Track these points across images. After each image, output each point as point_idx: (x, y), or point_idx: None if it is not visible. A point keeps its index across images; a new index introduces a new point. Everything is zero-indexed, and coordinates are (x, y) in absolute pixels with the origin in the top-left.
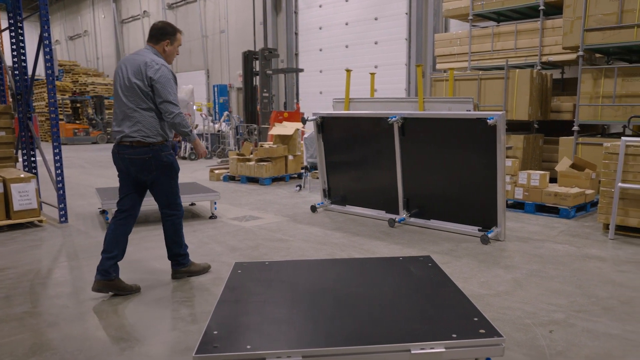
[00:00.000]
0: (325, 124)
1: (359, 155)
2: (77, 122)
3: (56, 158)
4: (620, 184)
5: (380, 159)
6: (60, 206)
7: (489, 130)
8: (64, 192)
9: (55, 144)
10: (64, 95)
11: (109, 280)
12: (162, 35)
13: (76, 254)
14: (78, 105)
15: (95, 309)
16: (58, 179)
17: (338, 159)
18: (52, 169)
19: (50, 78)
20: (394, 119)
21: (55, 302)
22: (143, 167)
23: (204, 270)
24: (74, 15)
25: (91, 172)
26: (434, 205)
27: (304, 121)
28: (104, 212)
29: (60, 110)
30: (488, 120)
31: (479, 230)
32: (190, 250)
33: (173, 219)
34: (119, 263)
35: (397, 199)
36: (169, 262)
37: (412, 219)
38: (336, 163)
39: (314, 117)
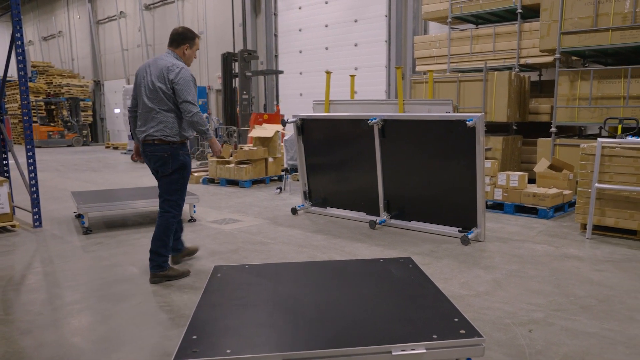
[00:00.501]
0: (305, 126)
1: (339, 157)
2: (52, 124)
3: (29, 161)
4: (596, 185)
5: (360, 161)
6: (34, 210)
7: (468, 132)
8: (37, 196)
9: (28, 146)
10: (38, 97)
11: (180, 253)
12: (183, 40)
13: (51, 260)
14: (52, 107)
15: (71, 315)
16: (32, 182)
17: (318, 161)
18: (26, 172)
19: (23, 79)
20: (374, 120)
21: (29, 309)
22: (162, 163)
23: (183, 275)
24: (47, 15)
25: (67, 175)
26: (415, 206)
27: (284, 123)
28: (79, 216)
29: (34, 113)
30: (467, 122)
31: (459, 231)
32: None
33: (167, 217)
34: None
35: (378, 201)
36: (147, 266)
37: (392, 221)
38: (317, 165)
39: (294, 119)
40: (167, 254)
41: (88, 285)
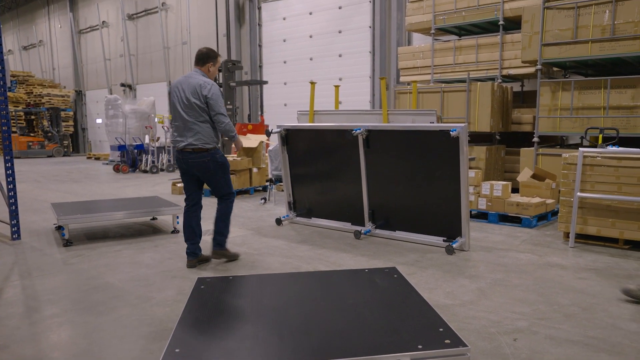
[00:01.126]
0: (289, 137)
1: (324, 168)
2: (32, 134)
3: (8, 172)
4: (579, 194)
5: (345, 171)
6: (13, 222)
7: (452, 142)
8: (16, 207)
9: (7, 157)
10: (17, 106)
11: (197, 258)
12: (207, 59)
13: (29, 272)
14: (33, 117)
15: (50, 330)
16: (10, 194)
17: (303, 171)
18: (4, 183)
19: (2, 89)
20: (358, 131)
21: (6, 323)
22: (204, 167)
23: (235, 257)
24: (28, 24)
25: (47, 186)
26: (399, 216)
27: (268, 133)
28: (59, 228)
29: (13, 123)
30: (451, 132)
31: (444, 240)
32: (152, 266)
33: (227, 203)
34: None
35: (363, 211)
36: (132, 277)
37: (377, 231)
38: (301, 175)
39: (279, 130)
40: (228, 234)
41: (68, 298)
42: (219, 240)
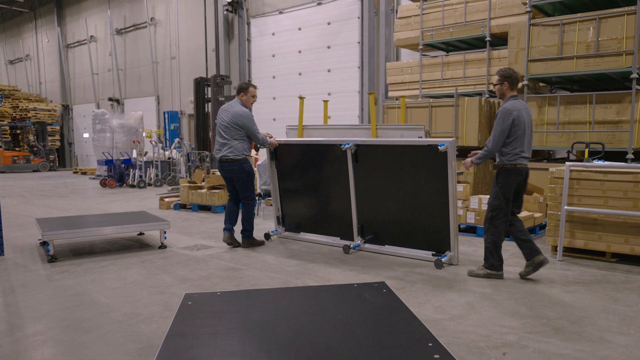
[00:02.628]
0: (278, 151)
1: (312, 182)
2: (17, 149)
3: None
4: (566, 207)
5: (334, 186)
6: None
7: (440, 157)
8: (0, 223)
9: None
10: (3, 121)
11: (230, 235)
12: (240, 90)
13: (13, 289)
14: (18, 131)
15: (33, 348)
16: None
17: (292, 186)
18: None
19: None
20: (347, 145)
21: None
22: (234, 173)
23: (261, 243)
24: (14, 38)
25: (32, 201)
26: (388, 230)
27: (257, 148)
28: (44, 243)
29: None
30: (439, 147)
31: (433, 254)
32: (138, 282)
33: (248, 205)
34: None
35: (352, 225)
36: (118, 294)
37: (366, 245)
38: (290, 190)
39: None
40: (251, 228)
41: (52, 315)
42: (245, 234)
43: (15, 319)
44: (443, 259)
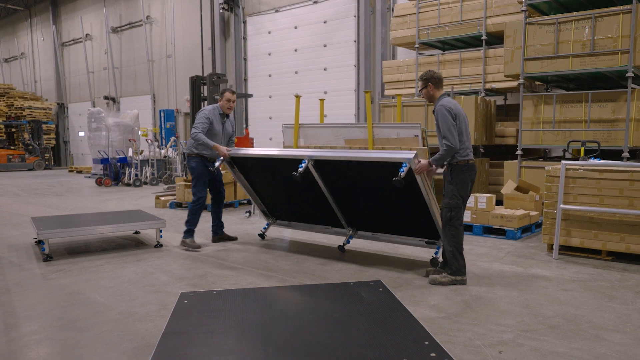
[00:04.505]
0: (238, 163)
1: (287, 188)
2: (12, 147)
3: None
4: (562, 206)
5: (309, 192)
6: None
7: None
8: None
9: None
10: None
11: (219, 236)
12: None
13: (7, 289)
14: (13, 130)
15: (28, 347)
16: None
17: (265, 187)
18: None
19: None
20: (301, 168)
21: None
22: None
23: (197, 247)
24: (9, 36)
25: (27, 200)
26: (376, 223)
27: (213, 167)
28: (39, 242)
29: None
30: (400, 172)
31: (427, 242)
32: (134, 280)
33: (190, 203)
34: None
35: (338, 218)
36: (114, 292)
37: (360, 239)
38: (264, 189)
39: (220, 161)
40: (190, 227)
41: (47, 314)
42: (184, 231)
43: (10, 318)
44: (437, 255)
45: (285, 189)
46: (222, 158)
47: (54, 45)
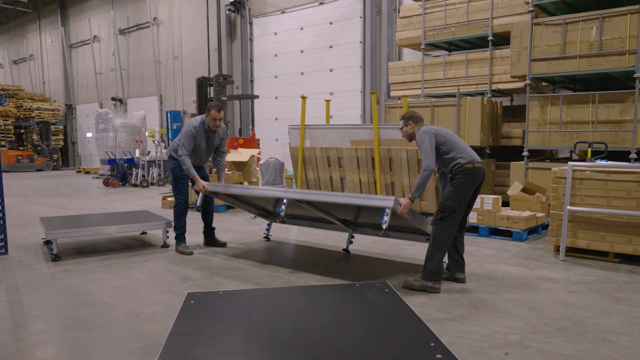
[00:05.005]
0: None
1: (277, 204)
2: (21, 148)
3: None
4: (568, 207)
5: (301, 208)
6: (0, 237)
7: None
8: (4, 222)
9: None
10: (7, 120)
11: (208, 240)
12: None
13: (16, 288)
14: (22, 131)
15: (37, 346)
16: None
17: (257, 204)
18: None
19: None
20: (283, 206)
21: None
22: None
23: (189, 253)
24: (18, 38)
25: (35, 200)
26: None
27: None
28: (48, 242)
29: (2, 136)
30: (382, 224)
31: (427, 239)
32: (141, 281)
33: (173, 205)
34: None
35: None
36: (121, 292)
37: (363, 238)
38: (257, 204)
39: (199, 194)
40: (178, 231)
41: (56, 314)
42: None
43: (19, 318)
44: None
45: (275, 206)
46: (206, 184)
47: (62, 47)
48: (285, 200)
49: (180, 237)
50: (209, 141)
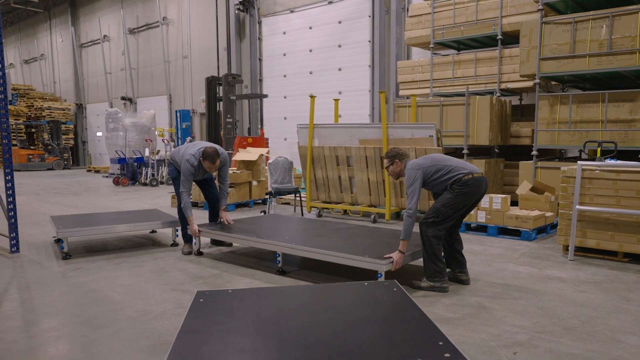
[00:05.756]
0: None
1: None
2: (32, 147)
3: (8, 185)
4: (577, 207)
5: None
6: (12, 235)
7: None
8: (15, 220)
9: (6, 170)
10: (18, 119)
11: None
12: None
13: (28, 286)
14: (33, 130)
15: (48, 343)
16: (10, 206)
17: None
18: (4, 196)
19: (3, 102)
20: (279, 258)
21: (4, 337)
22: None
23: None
24: (29, 38)
25: (46, 199)
26: None
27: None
28: (59, 241)
29: (14, 135)
30: (377, 277)
31: None
32: (151, 279)
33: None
34: None
35: None
36: (131, 291)
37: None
38: None
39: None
40: (183, 230)
41: (66, 311)
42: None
43: (30, 315)
44: None
45: None
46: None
47: (72, 47)
48: (279, 254)
49: (187, 237)
50: (208, 173)
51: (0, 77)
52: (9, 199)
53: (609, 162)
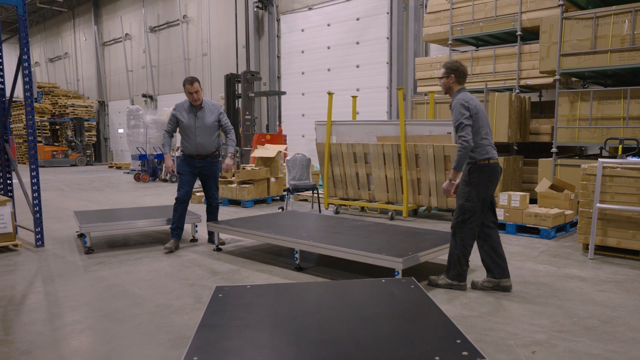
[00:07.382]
0: None
1: None
2: (56, 144)
3: (33, 181)
4: (598, 205)
5: None
6: (37, 230)
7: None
8: (40, 215)
9: (32, 166)
10: (43, 117)
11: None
12: None
13: (52, 279)
14: (57, 127)
15: (71, 336)
16: (35, 202)
17: None
18: (29, 191)
19: (29, 100)
20: (297, 255)
21: (29, 329)
22: None
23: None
24: (54, 37)
25: (69, 195)
26: None
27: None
28: (81, 235)
29: (39, 132)
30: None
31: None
32: (170, 274)
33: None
34: None
35: None
36: (151, 285)
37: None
38: None
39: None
40: (171, 227)
41: (89, 305)
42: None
43: (54, 308)
44: None
45: None
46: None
47: (95, 45)
48: (297, 250)
49: (173, 232)
50: (198, 119)
51: (27, 76)
52: (34, 195)
53: (630, 159)
